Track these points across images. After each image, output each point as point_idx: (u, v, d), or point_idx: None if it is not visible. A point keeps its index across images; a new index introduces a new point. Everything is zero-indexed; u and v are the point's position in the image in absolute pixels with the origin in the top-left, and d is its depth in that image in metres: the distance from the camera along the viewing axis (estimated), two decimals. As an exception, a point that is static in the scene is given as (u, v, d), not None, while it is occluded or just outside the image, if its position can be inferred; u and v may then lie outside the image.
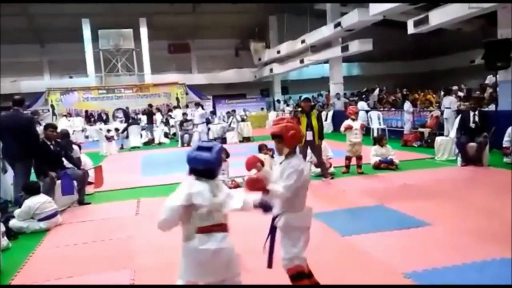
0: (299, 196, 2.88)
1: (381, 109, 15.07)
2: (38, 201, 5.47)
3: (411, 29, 12.14)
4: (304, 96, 8.04)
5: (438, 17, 11.23)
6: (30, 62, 23.63)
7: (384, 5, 11.91)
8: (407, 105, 12.90)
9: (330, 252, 4.16)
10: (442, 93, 14.39)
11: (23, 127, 6.32)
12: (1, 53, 20.10)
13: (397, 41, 22.26)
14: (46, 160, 6.32)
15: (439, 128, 11.49)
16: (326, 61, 19.95)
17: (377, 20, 14.01)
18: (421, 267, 3.63)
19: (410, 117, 12.59)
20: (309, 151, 7.74)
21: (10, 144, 6.37)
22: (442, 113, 11.64)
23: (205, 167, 2.59)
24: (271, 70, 23.36)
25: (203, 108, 15.71)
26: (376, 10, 12.51)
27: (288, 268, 2.88)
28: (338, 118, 14.52)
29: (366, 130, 13.52)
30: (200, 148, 2.63)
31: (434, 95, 15.31)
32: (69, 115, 20.14)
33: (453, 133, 9.21)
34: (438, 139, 9.52)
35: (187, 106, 20.00)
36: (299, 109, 8.54)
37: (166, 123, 18.78)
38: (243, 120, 16.57)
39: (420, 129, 11.94)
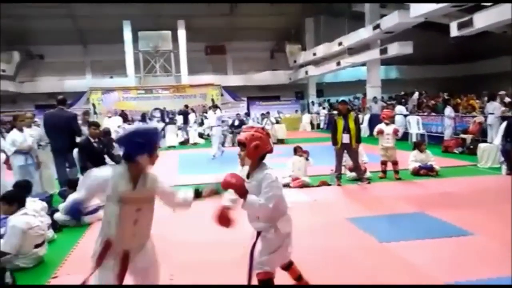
0: (281, 205, 2.81)
1: (421, 113, 14.65)
2: (82, 196, 5.67)
3: (454, 32, 11.77)
4: (341, 98, 7.99)
5: (483, 19, 10.83)
6: (73, 62, 24.61)
7: (426, 7, 11.60)
8: (448, 110, 12.47)
9: (368, 259, 4.09)
10: (486, 98, 13.85)
11: (66, 123, 6.98)
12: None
13: (437, 44, 21.58)
14: (89, 156, 6.56)
15: (482, 135, 11.07)
16: (363, 64, 19.67)
17: (418, 22, 13.68)
18: (464, 278, 3.52)
19: (451, 123, 12.16)
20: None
21: (55, 139, 6.98)
22: (485, 119, 11.20)
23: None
24: (306, 72, 23.23)
25: (221, 110, 15.67)
26: (417, 12, 12.21)
27: (258, 272, 2.82)
28: (375, 122, 14.23)
29: (404, 135, 13.23)
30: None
31: (477, 100, 14.74)
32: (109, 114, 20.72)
33: (497, 140, 8.82)
34: (482, 145, 9.19)
35: (209, 108, 19.92)
36: (335, 111, 8.45)
37: (201, 123, 19.03)
38: (277, 122, 16.57)
39: (462, 135, 11.54)
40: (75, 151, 6.98)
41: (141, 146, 2.47)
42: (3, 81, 21.69)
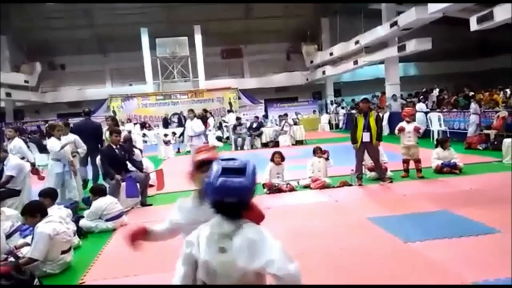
0: None
1: (444, 110, 14.36)
2: (105, 202, 5.78)
3: (474, 26, 11.55)
4: (359, 97, 7.94)
5: (503, 12, 10.59)
6: (94, 71, 25.15)
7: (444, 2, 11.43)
8: (474, 106, 12.14)
9: (393, 259, 4.03)
10: (509, 92, 13.54)
11: (94, 132, 8.01)
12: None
13: (457, 39, 21.23)
14: (112, 163, 6.67)
15: (506, 130, 10.79)
16: (381, 62, 19.45)
17: (436, 18, 13.46)
18: (492, 276, 3.44)
19: (476, 119, 11.81)
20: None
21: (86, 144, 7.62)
22: (510, 113, 10.91)
23: (239, 198, 1.78)
24: (323, 72, 23.13)
25: (165, 122, 13.62)
26: (435, 7, 12.04)
27: None
28: (394, 120, 14.06)
29: (426, 133, 13.01)
30: (226, 170, 1.78)
31: (501, 94, 14.38)
32: (129, 120, 21.02)
33: (523, 135, 8.62)
34: (506, 141, 8.93)
35: (228, 112, 19.78)
36: (354, 110, 8.37)
37: (219, 127, 19.13)
38: (295, 123, 16.51)
39: (486, 131, 11.26)
40: (98, 158, 7.14)
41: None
42: (26, 92, 22.35)
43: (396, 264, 3.90)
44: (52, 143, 6.83)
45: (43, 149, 14.24)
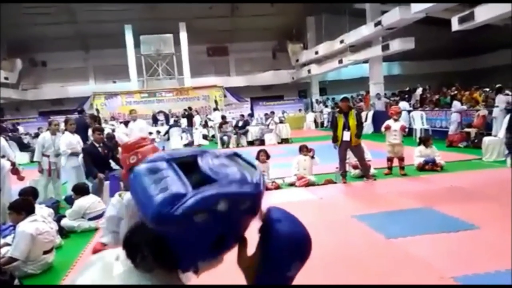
0: None
1: (426, 108, 14.57)
2: (88, 201, 5.72)
3: (455, 26, 11.75)
4: (343, 96, 8.03)
5: (484, 13, 10.81)
6: (76, 68, 24.77)
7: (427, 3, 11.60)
8: (458, 105, 12.33)
9: (375, 256, 4.08)
10: (489, 91, 13.80)
11: (84, 128, 8.37)
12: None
13: (440, 39, 21.53)
14: (95, 161, 6.59)
15: (486, 128, 11.02)
16: (365, 61, 19.64)
17: (419, 18, 13.65)
18: (471, 271, 3.52)
19: (458, 117, 12.02)
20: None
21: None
22: (490, 112, 11.15)
23: None
24: (309, 71, 23.22)
25: (155, 119, 13.57)
26: (418, 7, 12.21)
27: None
28: (379, 119, 14.23)
29: (409, 131, 13.18)
30: None
31: (482, 93, 14.63)
32: (112, 118, 20.75)
33: (502, 133, 8.79)
34: (486, 139, 9.14)
35: (214, 110, 19.80)
36: (337, 109, 8.41)
37: (205, 125, 19.08)
38: (281, 121, 16.57)
39: (466, 129, 11.49)
40: (80, 156, 7.04)
41: None
42: (6, 89, 21.85)
43: (379, 260, 3.95)
44: (68, 138, 7.02)
45: (23, 148, 14.04)
